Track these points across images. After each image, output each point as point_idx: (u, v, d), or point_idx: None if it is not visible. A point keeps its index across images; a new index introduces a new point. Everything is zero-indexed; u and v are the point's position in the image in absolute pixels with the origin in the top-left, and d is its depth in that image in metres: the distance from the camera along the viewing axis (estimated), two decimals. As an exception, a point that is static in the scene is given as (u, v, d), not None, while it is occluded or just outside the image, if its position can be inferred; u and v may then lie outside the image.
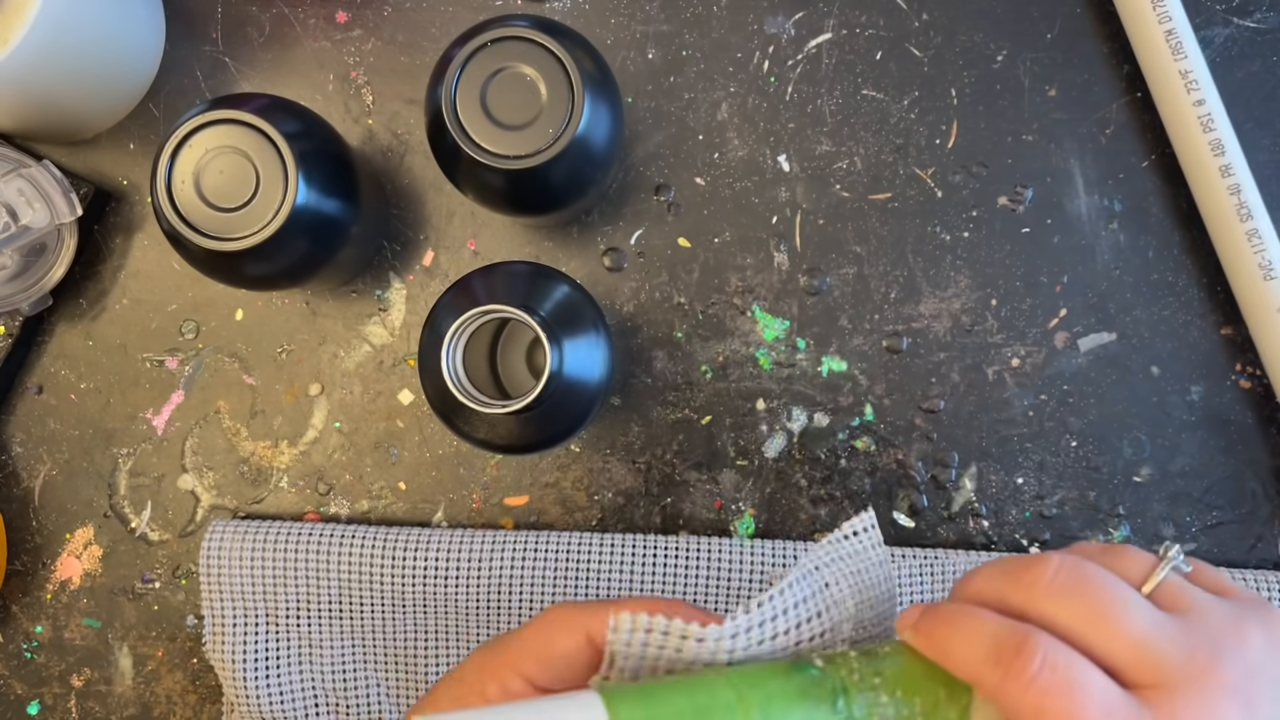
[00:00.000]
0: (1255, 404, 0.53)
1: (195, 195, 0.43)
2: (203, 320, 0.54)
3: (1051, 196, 0.53)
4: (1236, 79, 0.53)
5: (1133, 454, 0.53)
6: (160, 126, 0.54)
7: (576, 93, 0.42)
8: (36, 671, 0.54)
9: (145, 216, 0.54)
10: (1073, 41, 0.53)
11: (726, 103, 0.53)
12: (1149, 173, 0.53)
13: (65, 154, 0.54)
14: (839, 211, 0.53)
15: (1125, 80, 0.53)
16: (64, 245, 0.51)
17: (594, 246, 0.54)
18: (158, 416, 0.54)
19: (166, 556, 0.54)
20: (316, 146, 0.45)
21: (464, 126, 0.42)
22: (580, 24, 0.54)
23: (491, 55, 0.42)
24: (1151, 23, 0.51)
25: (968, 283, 0.53)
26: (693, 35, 0.54)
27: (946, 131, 0.53)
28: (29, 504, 0.54)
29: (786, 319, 0.53)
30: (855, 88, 0.53)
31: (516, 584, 0.51)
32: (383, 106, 0.54)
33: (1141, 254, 0.53)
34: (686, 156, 0.53)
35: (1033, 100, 0.53)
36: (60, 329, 0.54)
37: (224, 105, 0.44)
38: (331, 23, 0.54)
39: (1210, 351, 0.53)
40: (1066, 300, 0.53)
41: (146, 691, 0.53)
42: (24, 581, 0.54)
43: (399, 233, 0.54)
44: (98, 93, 0.52)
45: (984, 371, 0.53)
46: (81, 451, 0.54)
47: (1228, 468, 0.53)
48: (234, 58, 0.54)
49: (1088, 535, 0.53)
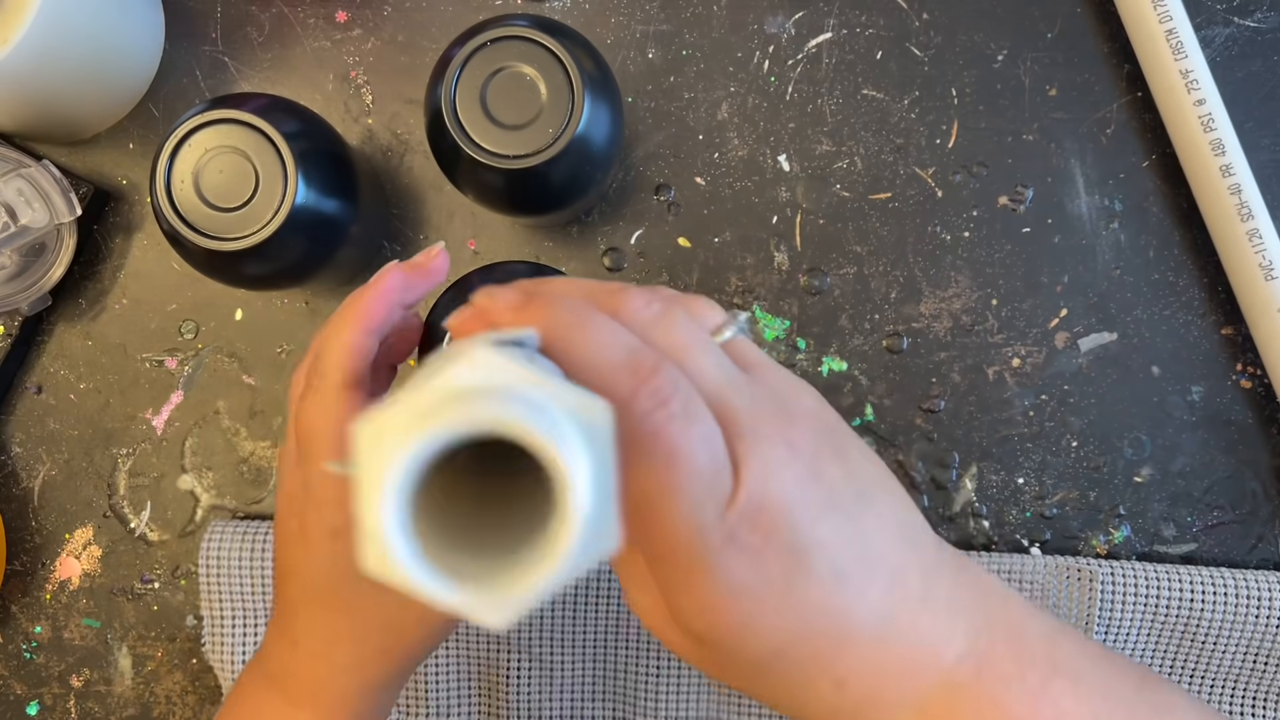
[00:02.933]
0: (1256, 404, 0.53)
1: (195, 195, 0.43)
2: (202, 320, 0.54)
3: (1052, 196, 0.53)
4: (1237, 78, 0.53)
5: (1133, 454, 0.53)
6: (160, 126, 0.54)
7: (576, 92, 0.42)
8: (36, 672, 0.54)
9: (145, 216, 0.54)
10: (1073, 41, 0.53)
11: (727, 102, 0.53)
12: (1149, 172, 0.53)
13: (64, 154, 0.54)
14: (839, 211, 0.53)
15: (1126, 80, 0.53)
16: (63, 245, 0.51)
17: (594, 246, 0.54)
18: (157, 416, 0.54)
19: (166, 557, 0.54)
20: (316, 146, 0.45)
21: (464, 126, 0.42)
22: (580, 23, 0.54)
23: (491, 55, 0.42)
24: (1152, 22, 0.51)
25: (968, 282, 0.53)
26: (693, 35, 0.54)
27: (947, 131, 0.53)
28: (28, 504, 0.54)
29: (787, 319, 0.53)
30: (855, 87, 0.53)
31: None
32: (382, 106, 0.54)
33: (1142, 254, 0.53)
34: (687, 156, 0.53)
35: (1033, 100, 0.53)
36: (60, 329, 0.54)
37: (223, 105, 0.44)
38: (331, 22, 0.54)
39: (1211, 351, 0.53)
40: (1067, 300, 0.53)
41: (146, 692, 0.53)
42: (23, 582, 0.54)
43: (399, 232, 0.54)
44: (97, 92, 0.52)
45: (984, 371, 0.53)
46: (81, 451, 0.54)
47: (1228, 468, 0.53)
48: (233, 57, 0.54)
49: (1089, 535, 0.53)
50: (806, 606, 0.29)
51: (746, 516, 0.28)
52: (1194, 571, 0.50)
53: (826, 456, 0.30)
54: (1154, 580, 0.50)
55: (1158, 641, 0.51)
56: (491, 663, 0.52)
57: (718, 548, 0.28)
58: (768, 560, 0.28)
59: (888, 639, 0.30)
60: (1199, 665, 0.51)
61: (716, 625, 0.29)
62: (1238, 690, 0.51)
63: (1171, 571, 0.50)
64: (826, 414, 0.32)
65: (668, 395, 0.27)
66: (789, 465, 0.29)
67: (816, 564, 0.29)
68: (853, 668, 0.30)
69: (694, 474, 0.27)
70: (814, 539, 0.29)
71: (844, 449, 0.31)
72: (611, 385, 0.27)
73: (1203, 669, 0.51)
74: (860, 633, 0.30)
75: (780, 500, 0.28)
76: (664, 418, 0.27)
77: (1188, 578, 0.50)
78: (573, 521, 0.20)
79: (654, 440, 0.27)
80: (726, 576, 0.28)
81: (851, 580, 0.29)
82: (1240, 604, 0.50)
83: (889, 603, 0.30)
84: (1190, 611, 0.50)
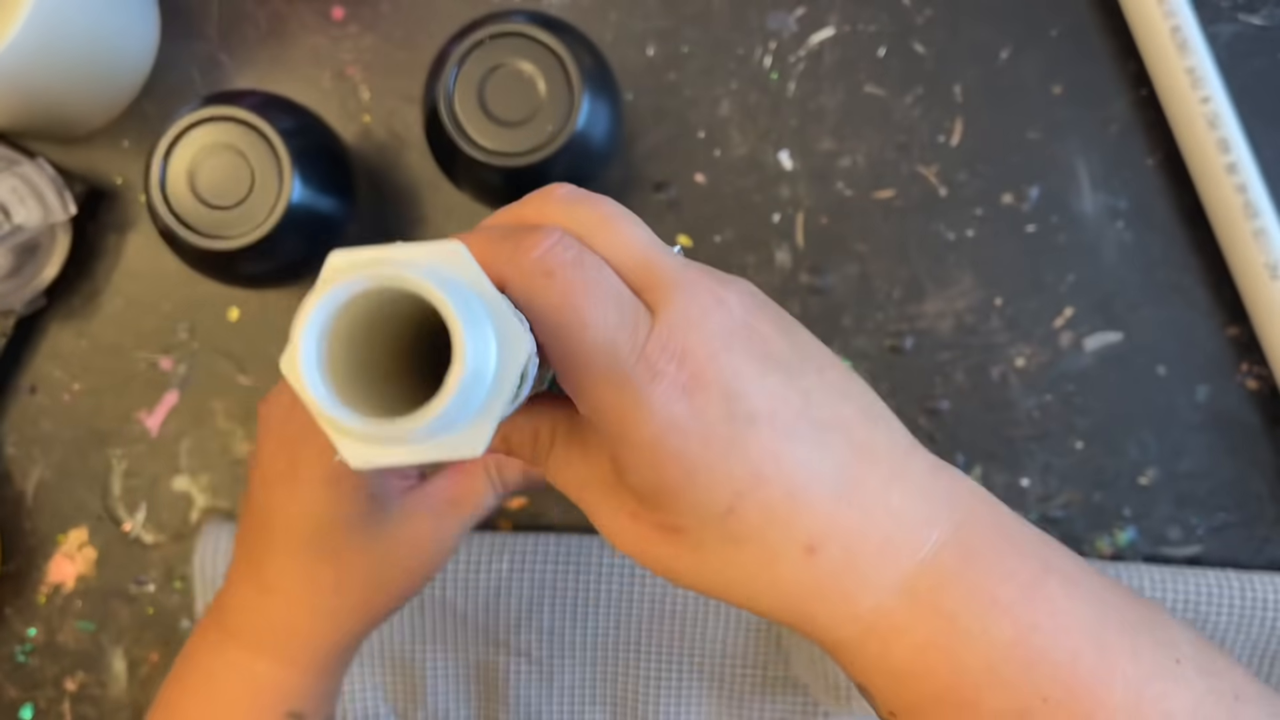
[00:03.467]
0: (1262, 404, 0.52)
1: (190, 193, 0.43)
2: (197, 320, 0.53)
3: (1056, 195, 0.53)
4: (1243, 77, 0.52)
5: (1139, 455, 0.52)
6: (155, 124, 0.54)
7: (575, 89, 0.42)
8: (30, 675, 0.53)
9: (139, 215, 0.54)
10: (1078, 39, 0.53)
11: (728, 99, 0.53)
12: (1155, 171, 0.53)
13: (59, 152, 0.53)
14: (842, 209, 0.53)
15: (1131, 77, 0.53)
16: (57, 244, 0.51)
17: (593, 245, 0.53)
18: (152, 417, 0.53)
19: (161, 559, 0.53)
20: (312, 143, 0.44)
21: (461, 123, 0.42)
22: (579, 20, 0.53)
23: (489, 51, 0.42)
24: (1157, 20, 0.50)
25: (972, 281, 0.53)
26: (693, 31, 0.53)
27: (950, 129, 0.53)
28: (22, 506, 0.53)
29: (788, 318, 0.53)
30: (858, 84, 0.53)
31: (515, 586, 0.51)
32: (379, 103, 0.53)
33: (1147, 253, 0.53)
34: (687, 154, 0.53)
35: (1037, 98, 0.53)
36: (53, 328, 0.53)
37: (219, 102, 0.43)
38: (327, 19, 0.54)
39: (1216, 351, 0.52)
40: (1072, 299, 0.52)
41: (141, 695, 0.53)
42: (17, 584, 0.53)
43: (396, 231, 0.53)
44: (91, 90, 0.51)
45: (989, 371, 0.53)
46: (75, 452, 0.53)
47: (1234, 469, 0.52)
48: (229, 54, 0.54)
49: (1094, 537, 0.52)
50: (751, 450, 0.27)
51: (666, 349, 0.27)
52: (1200, 574, 0.50)
53: (762, 318, 0.29)
54: (1160, 583, 0.50)
55: (1163, 644, 0.50)
56: (489, 665, 0.51)
57: (644, 379, 0.27)
58: (699, 399, 0.27)
59: (854, 504, 0.28)
60: (1205, 668, 0.51)
61: (663, 473, 0.28)
62: (1244, 693, 0.51)
63: (1177, 574, 0.50)
64: (762, 294, 0.30)
65: (548, 246, 0.27)
66: (714, 313, 0.28)
67: (756, 409, 0.27)
68: (819, 532, 0.28)
69: (598, 299, 0.27)
70: (750, 388, 0.28)
71: (784, 318, 0.30)
72: (492, 259, 0.27)
73: (1209, 672, 0.51)
74: (820, 488, 0.28)
75: (705, 342, 0.27)
76: (550, 265, 0.27)
77: (1193, 580, 0.50)
78: (455, 375, 0.21)
79: (549, 280, 0.26)
80: (661, 409, 0.27)
81: (802, 435, 0.28)
82: (1246, 606, 0.49)
83: (851, 467, 0.28)
84: (1196, 614, 0.50)
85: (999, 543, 0.29)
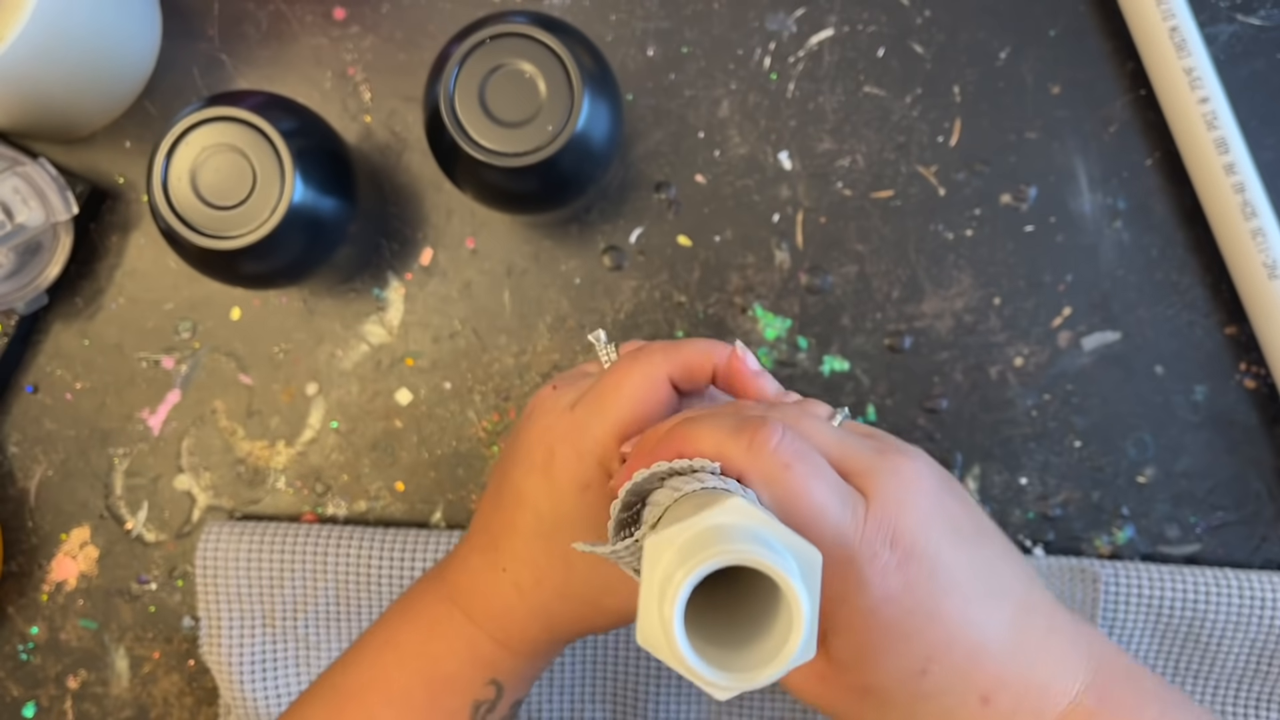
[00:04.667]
0: (1260, 404, 0.52)
1: (191, 193, 0.43)
2: (199, 319, 0.53)
3: (1055, 195, 0.53)
4: (1241, 77, 0.52)
5: (1137, 454, 0.52)
6: (156, 124, 0.54)
7: (576, 90, 0.42)
8: (32, 673, 0.53)
9: (141, 215, 0.54)
10: (1076, 39, 0.53)
11: (727, 100, 0.53)
12: (1153, 171, 0.53)
13: (61, 152, 0.54)
14: (841, 210, 0.53)
15: (1129, 78, 0.53)
16: (59, 244, 0.51)
17: (594, 245, 0.53)
18: (154, 416, 0.53)
19: (163, 557, 0.53)
20: (314, 144, 0.44)
21: (462, 124, 0.42)
22: (580, 20, 0.53)
23: (490, 52, 0.42)
24: (1155, 20, 0.51)
25: (970, 281, 0.53)
26: (693, 32, 0.53)
27: (949, 129, 0.53)
28: (24, 505, 0.54)
29: (788, 318, 0.53)
30: (857, 85, 0.53)
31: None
32: (380, 104, 0.53)
33: (1145, 253, 0.53)
34: (687, 154, 0.53)
35: (1036, 98, 0.53)
36: (56, 328, 0.54)
37: (220, 103, 0.43)
38: (329, 19, 0.54)
39: (1214, 351, 0.52)
40: (1070, 299, 0.53)
41: (143, 693, 0.53)
42: (20, 583, 0.53)
43: (397, 231, 0.53)
44: (94, 90, 0.51)
45: (987, 371, 0.53)
46: (77, 452, 0.53)
47: (1232, 468, 0.52)
48: (231, 55, 0.54)
49: (1092, 536, 0.52)
50: (947, 617, 0.32)
51: (881, 530, 0.32)
52: (1198, 573, 0.50)
53: (946, 491, 0.34)
54: (1158, 581, 0.50)
55: (1161, 643, 0.51)
56: None
57: (866, 558, 0.32)
58: (909, 575, 0.32)
59: (1021, 660, 0.33)
60: (1203, 667, 0.51)
61: (871, 637, 0.32)
62: (1241, 692, 0.51)
63: (1176, 573, 0.50)
64: (937, 464, 0.36)
65: (777, 441, 0.32)
66: (915, 496, 0.33)
67: (953, 580, 0.33)
68: (994, 684, 0.33)
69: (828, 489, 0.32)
70: (948, 559, 0.33)
71: (957, 488, 0.35)
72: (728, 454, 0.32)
73: (1206, 670, 0.51)
74: (996, 648, 0.33)
75: (912, 524, 0.32)
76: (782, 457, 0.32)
77: (1192, 579, 0.50)
78: (799, 635, 0.26)
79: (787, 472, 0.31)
80: (880, 584, 0.32)
81: (985, 600, 0.33)
82: (1244, 605, 0.50)
83: (1019, 627, 0.33)
84: (1194, 613, 0.50)
85: (1126, 684, 0.35)
